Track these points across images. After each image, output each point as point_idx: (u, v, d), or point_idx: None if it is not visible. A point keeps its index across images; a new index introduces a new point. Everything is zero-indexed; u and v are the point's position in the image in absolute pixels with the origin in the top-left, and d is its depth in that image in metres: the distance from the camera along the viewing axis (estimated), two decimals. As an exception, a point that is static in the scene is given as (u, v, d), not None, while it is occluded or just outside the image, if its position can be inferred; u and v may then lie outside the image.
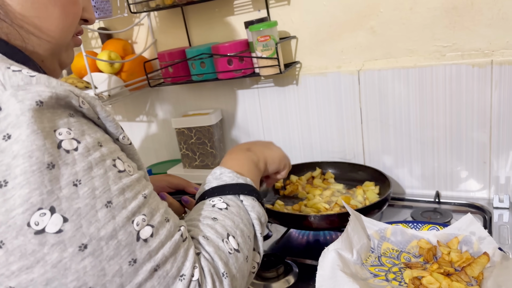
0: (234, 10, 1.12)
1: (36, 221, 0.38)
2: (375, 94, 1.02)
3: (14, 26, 0.48)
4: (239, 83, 1.18)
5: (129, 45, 1.28)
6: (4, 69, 0.41)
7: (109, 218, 0.41)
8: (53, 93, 0.41)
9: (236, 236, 0.54)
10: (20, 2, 0.48)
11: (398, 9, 0.95)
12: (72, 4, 0.53)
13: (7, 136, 0.38)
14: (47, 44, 0.52)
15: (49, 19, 0.51)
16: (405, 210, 1.00)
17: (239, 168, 0.66)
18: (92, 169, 0.42)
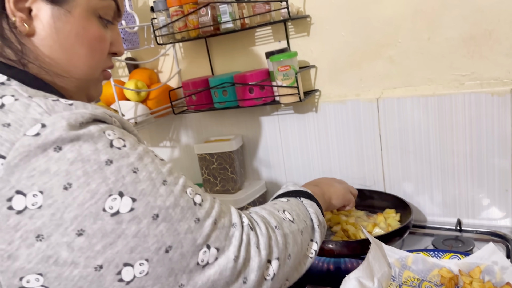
0: (255, 41, 1.16)
1: (110, 206, 0.44)
2: (394, 121, 1.03)
3: (43, 68, 0.52)
4: (260, 110, 1.21)
5: (155, 74, 1.34)
6: (44, 99, 0.45)
7: (169, 192, 0.48)
8: (92, 114, 0.46)
9: (292, 213, 0.63)
10: (48, 45, 0.52)
11: (416, 39, 0.98)
12: (99, 42, 0.55)
13: (57, 148, 0.43)
14: (74, 82, 0.55)
15: (77, 59, 0.54)
16: (426, 238, 1.00)
17: (306, 188, 0.73)
18: (142, 158, 0.48)
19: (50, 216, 0.42)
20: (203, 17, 1.06)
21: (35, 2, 0.51)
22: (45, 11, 0.51)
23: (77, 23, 0.53)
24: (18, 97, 0.45)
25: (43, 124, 0.43)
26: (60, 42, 0.52)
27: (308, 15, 1.06)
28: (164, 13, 1.14)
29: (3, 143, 0.42)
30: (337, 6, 1.03)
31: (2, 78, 0.48)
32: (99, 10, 0.55)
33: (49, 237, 0.42)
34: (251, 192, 1.19)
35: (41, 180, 0.42)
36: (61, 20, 0.52)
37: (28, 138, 0.42)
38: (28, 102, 0.45)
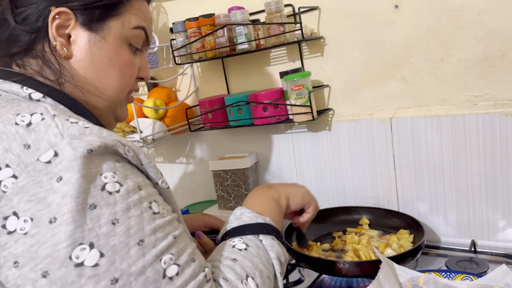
0: (270, 61, 1.19)
1: (76, 255, 0.43)
2: (408, 141, 1.04)
3: (78, 87, 0.56)
4: (274, 129, 1.23)
5: (173, 92, 1.38)
6: (63, 120, 0.48)
7: (139, 255, 0.45)
8: (102, 143, 0.47)
9: (255, 277, 0.56)
10: (84, 67, 0.57)
11: (429, 60, 0.99)
12: (129, 67, 0.60)
13: (59, 178, 0.44)
14: (104, 101, 0.60)
15: (108, 81, 0.59)
16: (439, 258, 0.99)
17: (259, 207, 0.68)
18: (129, 209, 0.46)
19: (29, 247, 0.43)
20: (219, 38, 1.10)
21: (74, 29, 0.56)
22: (83, 37, 0.56)
23: (110, 49, 0.58)
24: (45, 116, 0.48)
25: (56, 153, 0.45)
26: (94, 65, 0.57)
27: (322, 36, 1.09)
28: (183, 34, 1.18)
29: (19, 164, 0.45)
30: (351, 28, 1.05)
31: (38, 95, 0.53)
32: (130, 38, 0.60)
33: (22, 267, 0.44)
34: (264, 209, 1.20)
35: (36, 207, 0.44)
36: (96, 46, 0.57)
37: (40, 164, 0.45)
38: (50, 123, 0.47)
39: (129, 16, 0.59)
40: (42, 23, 0.55)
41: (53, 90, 0.54)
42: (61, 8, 0.55)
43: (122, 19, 0.58)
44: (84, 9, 0.56)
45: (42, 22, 0.55)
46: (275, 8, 1.02)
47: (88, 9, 0.56)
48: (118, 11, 0.58)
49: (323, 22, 1.08)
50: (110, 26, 0.58)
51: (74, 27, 0.56)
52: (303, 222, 0.83)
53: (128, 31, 0.59)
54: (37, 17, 0.55)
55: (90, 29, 0.56)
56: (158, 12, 1.34)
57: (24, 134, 0.46)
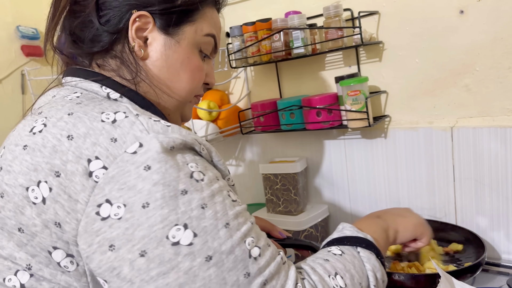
0: (325, 65, 1.18)
1: (173, 235, 0.46)
2: (469, 152, 0.99)
3: (152, 86, 0.60)
4: (326, 134, 1.22)
5: (226, 95, 1.40)
6: (147, 119, 0.51)
7: (228, 236, 0.48)
8: (183, 140, 0.50)
9: (344, 277, 0.56)
10: (158, 67, 0.61)
11: (496, 68, 0.94)
12: (199, 71, 0.64)
13: (147, 167, 0.47)
14: (174, 102, 0.63)
15: (179, 82, 0.62)
16: (500, 276, 0.93)
17: (364, 228, 0.66)
18: (214, 196, 0.50)
19: (124, 230, 0.46)
20: (275, 43, 1.10)
21: (151, 32, 0.60)
22: (159, 40, 0.60)
23: (183, 53, 0.61)
24: (128, 114, 0.51)
25: (141, 144, 0.48)
26: (168, 67, 0.61)
27: (381, 41, 1.07)
28: (239, 38, 1.19)
29: (108, 156, 0.48)
30: (412, 34, 1.02)
31: (116, 95, 0.57)
32: (201, 44, 0.64)
33: (119, 250, 0.46)
34: (313, 216, 1.19)
35: (128, 194, 0.46)
36: (171, 49, 0.60)
37: (127, 155, 0.47)
38: (134, 120, 0.50)
39: (202, 23, 0.62)
40: (123, 25, 0.59)
41: (129, 90, 0.58)
42: (142, 12, 0.58)
43: (195, 25, 0.62)
44: (163, 13, 0.59)
45: (124, 24, 0.59)
46: (334, 12, 1.01)
47: (166, 14, 0.59)
48: (193, 17, 0.62)
49: (382, 27, 1.06)
50: (185, 32, 0.61)
51: (152, 30, 0.60)
52: (412, 251, 0.81)
53: (200, 38, 0.63)
54: (119, 19, 0.59)
55: (166, 33, 0.60)
56: (214, 16, 1.36)
57: (110, 129, 0.49)
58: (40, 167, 0.49)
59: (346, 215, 1.22)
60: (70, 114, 0.52)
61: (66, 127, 0.50)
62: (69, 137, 0.49)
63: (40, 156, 0.49)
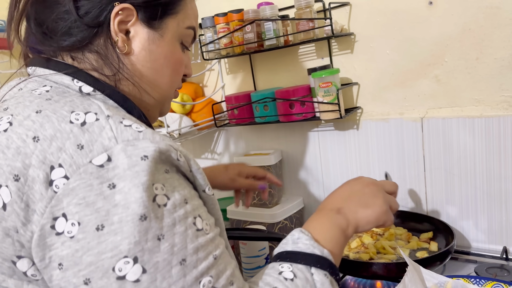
0: (298, 57, 1.18)
1: (120, 268, 0.43)
2: (439, 142, 1.00)
3: (134, 83, 0.58)
4: (300, 126, 1.22)
5: (200, 88, 1.38)
6: (117, 123, 0.47)
7: (180, 275, 0.44)
8: (156, 148, 0.46)
9: None
10: (141, 63, 0.58)
11: (464, 59, 0.95)
12: (180, 64, 0.62)
13: (112, 185, 0.44)
14: (156, 97, 0.61)
15: (163, 77, 0.60)
16: (469, 264, 0.95)
17: (321, 235, 0.60)
18: (175, 225, 0.45)
19: (74, 251, 0.43)
20: (248, 34, 1.09)
21: (134, 25, 0.56)
22: (142, 34, 0.57)
23: (167, 47, 0.59)
24: (99, 116, 0.48)
25: (109, 158, 0.44)
26: (151, 62, 0.58)
27: (352, 32, 1.07)
28: (211, 29, 1.18)
29: (72, 165, 0.44)
30: (383, 25, 1.03)
31: (88, 88, 0.53)
32: (182, 37, 0.61)
33: (66, 271, 0.44)
34: (288, 208, 1.19)
35: (84, 211, 0.43)
36: (155, 43, 0.57)
37: (92, 167, 0.44)
38: (104, 124, 0.47)
39: (183, 15, 0.60)
40: (104, 18, 0.54)
41: (104, 85, 0.54)
42: (125, 4, 0.55)
43: (178, 18, 0.59)
44: (146, 6, 0.56)
45: (105, 17, 0.54)
46: (305, 3, 1.01)
47: (150, 6, 0.56)
48: (175, 9, 0.59)
49: (354, 19, 1.06)
50: (168, 25, 0.58)
51: (134, 23, 0.56)
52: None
53: (182, 30, 0.60)
54: (100, 11, 0.54)
55: (150, 26, 0.57)
56: (187, 7, 1.35)
57: (78, 133, 0.46)
58: (1, 170, 0.45)
59: (321, 206, 1.23)
60: (38, 112, 0.48)
61: (33, 127, 0.46)
62: (35, 138, 0.46)
63: (3, 158, 0.46)
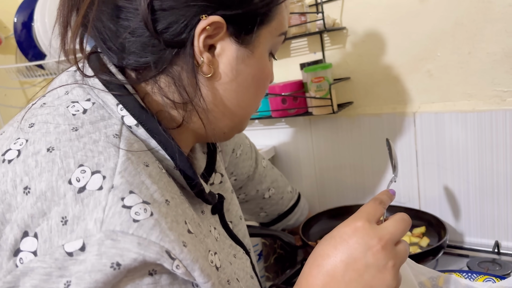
0: (290, 52, 1.17)
1: None
2: (432, 137, 1.00)
3: (206, 112, 0.46)
4: (292, 122, 1.21)
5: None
6: (116, 200, 0.37)
7: None
8: (138, 256, 0.36)
9: None
10: (224, 87, 0.46)
11: (456, 54, 0.95)
12: (268, 78, 0.50)
13: (67, 283, 0.35)
14: (236, 120, 0.50)
15: (245, 100, 0.48)
16: (461, 259, 0.95)
17: None
18: None
19: None
20: (240, 28, 1.08)
21: (221, 41, 0.44)
22: (230, 52, 0.45)
23: (257, 65, 0.47)
24: (106, 182, 0.38)
25: (83, 247, 0.36)
26: (237, 85, 0.46)
27: (345, 27, 1.06)
28: (203, 24, 1.17)
29: (46, 241, 0.36)
30: (375, 19, 1.02)
31: (132, 121, 0.42)
32: (273, 46, 0.50)
33: None
34: (281, 203, 1.19)
35: None
36: (244, 62, 0.46)
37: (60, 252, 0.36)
38: (102, 199, 0.37)
39: (278, 22, 0.48)
40: (187, 35, 0.43)
41: (152, 119, 0.43)
42: (215, 17, 0.42)
43: (271, 26, 0.47)
44: (241, 18, 0.44)
45: (188, 33, 0.42)
46: (297, -3, 1.00)
47: (244, 18, 0.44)
48: (270, 17, 0.46)
49: (346, 13, 1.06)
50: (260, 36, 0.46)
51: (223, 38, 0.44)
52: None
53: (274, 39, 0.49)
54: (184, 26, 0.42)
55: (239, 41, 0.45)
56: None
57: (70, 202, 0.37)
58: None
59: (314, 202, 1.23)
60: (49, 150, 0.39)
61: (32, 172, 0.38)
62: (26, 189, 0.38)
63: None
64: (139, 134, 0.43)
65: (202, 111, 0.46)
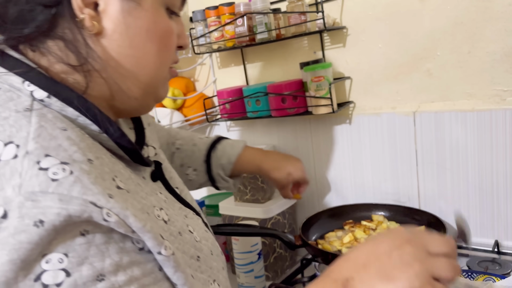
0: (290, 51, 1.17)
1: None
2: (431, 136, 1.00)
3: (108, 71, 0.46)
4: (292, 121, 1.21)
5: (191, 82, 1.37)
6: (32, 164, 0.37)
7: None
8: (61, 211, 0.35)
9: None
10: (117, 44, 0.45)
11: (456, 53, 0.95)
12: (169, 36, 0.49)
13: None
14: (143, 84, 0.49)
15: (146, 57, 0.47)
16: (461, 258, 0.95)
17: None
18: None
19: None
20: (239, 28, 1.08)
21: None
22: (114, 6, 0.44)
23: (148, 17, 0.46)
24: (19, 151, 0.37)
25: (5, 214, 0.35)
26: (130, 40, 0.46)
27: (345, 26, 1.06)
28: (202, 23, 1.17)
29: None
30: (375, 18, 1.02)
31: (42, 94, 0.42)
32: (167, 0, 0.49)
33: None
34: (280, 203, 1.18)
35: None
36: (132, 15, 0.45)
37: None
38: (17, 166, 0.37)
39: None
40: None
41: (61, 87, 0.43)
42: None
43: None
44: None
45: None
46: (296, -4, 1.00)
47: None
48: None
49: (346, 12, 1.05)
50: None
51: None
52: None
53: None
54: None
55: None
56: (178, 1, 1.33)
57: None
58: None
59: (313, 201, 1.23)
60: None
61: None
62: None
63: None
64: (53, 105, 0.42)
65: (102, 71, 0.45)
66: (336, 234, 1.04)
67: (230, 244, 1.13)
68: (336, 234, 1.04)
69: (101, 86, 0.46)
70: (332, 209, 1.11)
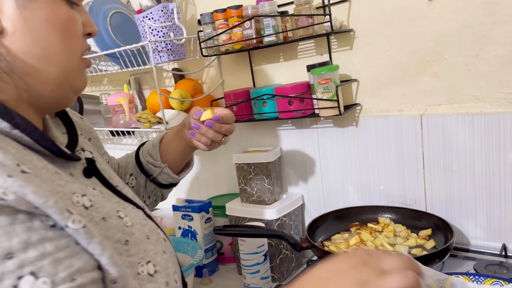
0: (297, 54, 1.17)
1: None
2: (438, 139, 1.00)
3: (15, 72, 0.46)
4: (299, 123, 1.21)
5: (199, 84, 1.38)
6: None
7: None
8: None
9: None
10: (20, 40, 0.46)
11: (463, 55, 0.95)
12: (72, 24, 0.50)
13: None
14: (55, 75, 0.49)
15: (52, 47, 0.48)
16: (468, 262, 0.95)
17: None
18: None
19: None
20: (247, 30, 1.09)
21: None
22: (8, 3, 0.45)
23: (45, 7, 0.47)
24: None
25: None
26: (32, 34, 0.46)
27: (352, 29, 1.06)
28: (210, 26, 1.18)
29: None
30: (382, 21, 1.02)
31: None
32: None
33: None
34: (287, 204, 1.19)
35: None
36: (28, 9, 0.46)
37: None
38: None
39: None
40: None
41: None
42: None
43: None
44: None
45: None
46: (304, -1, 1.00)
47: None
48: None
49: (353, 15, 1.06)
50: None
51: None
52: None
53: None
54: None
55: None
56: (186, 3, 1.34)
57: None
58: None
59: (320, 203, 1.23)
60: None
61: None
62: None
63: None
64: None
65: (10, 73, 0.46)
66: (343, 236, 1.04)
67: (236, 245, 1.13)
68: (343, 236, 1.04)
69: (11, 86, 0.47)
70: (338, 211, 1.11)
